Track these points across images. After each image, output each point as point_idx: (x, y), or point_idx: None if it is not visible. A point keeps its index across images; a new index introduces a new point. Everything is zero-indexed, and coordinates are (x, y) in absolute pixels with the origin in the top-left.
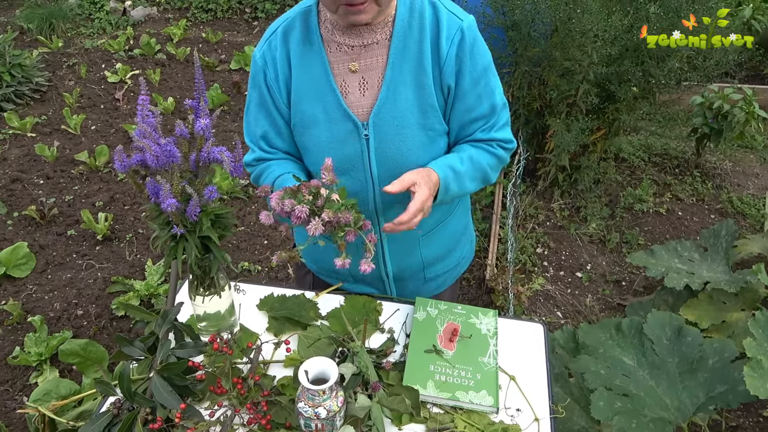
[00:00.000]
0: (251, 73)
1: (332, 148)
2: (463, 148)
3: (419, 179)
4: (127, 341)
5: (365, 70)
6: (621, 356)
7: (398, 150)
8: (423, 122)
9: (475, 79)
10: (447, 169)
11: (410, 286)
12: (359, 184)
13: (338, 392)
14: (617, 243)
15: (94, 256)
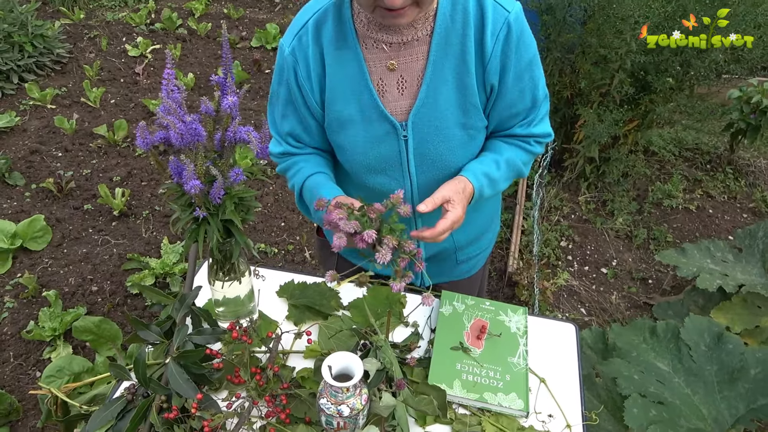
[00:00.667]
0: (278, 66)
1: (369, 148)
2: (499, 149)
3: (454, 196)
4: (142, 325)
5: (404, 69)
6: (655, 361)
7: (437, 150)
8: (464, 121)
9: (519, 74)
10: (483, 179)
11: (442, 268)
12: (396, 183)
13: (362, 390)
14: (644, 239)
15: (110, 231)
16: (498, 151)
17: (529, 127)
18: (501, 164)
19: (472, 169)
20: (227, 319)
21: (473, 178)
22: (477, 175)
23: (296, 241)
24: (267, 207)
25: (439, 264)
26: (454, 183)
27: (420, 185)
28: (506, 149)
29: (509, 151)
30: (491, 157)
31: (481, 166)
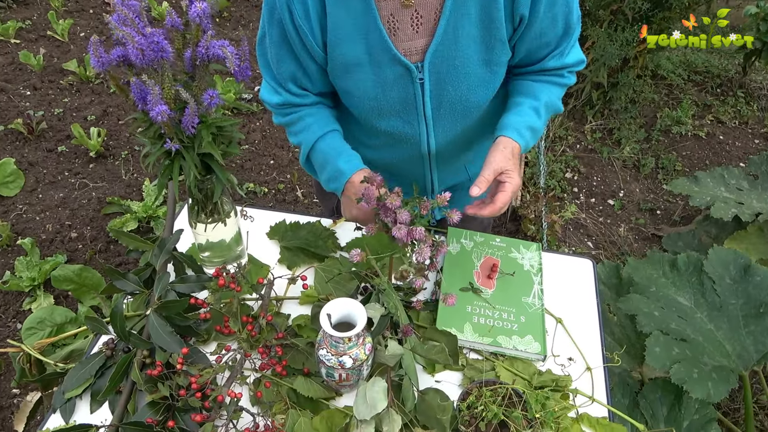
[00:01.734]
0: (268, 3)
1: (379, 93)
2: (535, 92)
3: (509, 165)
4: (119, 274)
5: (420, 3)
6: (676, 296)
7: (456, 90)
8: (487, 58)
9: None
10: (526, 133)
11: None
12: (411, 127)
13: (365, 338)
14: (652, 168)
15: (87, 174)
16: (535, 96)
17: (562, 58)
18: (541, 111)
19: (512, 125)
20: (213, 264)
21: (517, 136)
22: (520, 131)
23: (287, 180)
24: (254, 144)
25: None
26: (500, 150)
27: (436, 127)
28: (542, 91)
29: (545, 93)
30: (529, 104)
31: (522, 119)
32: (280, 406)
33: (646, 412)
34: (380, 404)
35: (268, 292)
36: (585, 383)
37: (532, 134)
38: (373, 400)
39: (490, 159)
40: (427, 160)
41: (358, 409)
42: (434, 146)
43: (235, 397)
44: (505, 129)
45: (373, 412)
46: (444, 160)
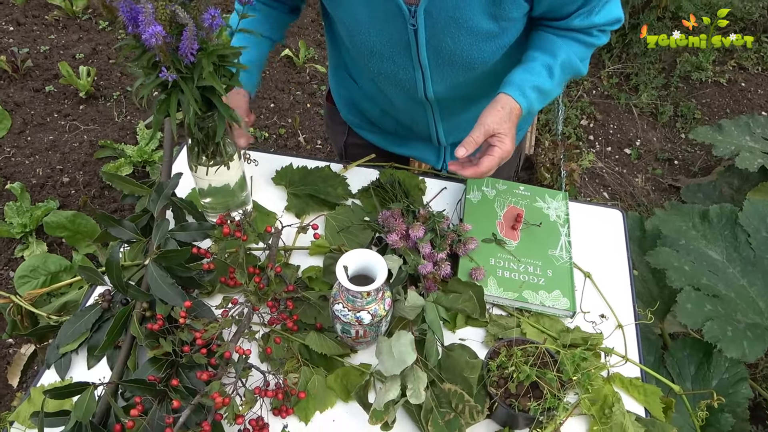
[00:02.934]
0: None
1: (371, 28)
2: (553, 48)
3: (502, 128)
4: (113, 221)
5: None
6: (707, 250)
7: (456, 45)
8: (493, 12)
9: None
10: (531, 93)
11: None
12: (405, 72)
13: (385, 293)
14: (671, 117)
15: (77, 116)
16: (552, 52)
17: (590, 16)
18: (555, 70)
19: (517, 83)
20: (216, 212)
21: (520, 95)
22: (524, 91)
23: (288, 124)
24: None
25: None
26: (496, 110)
27: (434, 77)
28: (562, 48)
29: (565, 50)
30: (542, 61)
31: (529, 77)
32: (292, 363)
33: (672, 371)
34: (409, 358)
35: (276, 241)
36: (614, 341)
37: (539, 96)
38: (400, 354)
39: (483, 118)
40: (428, 108)
41: (385, 365)
42: (432, 95)
43: (244, 353)
44: (508, 86)
45: (402, 366)
46: (448, 112)
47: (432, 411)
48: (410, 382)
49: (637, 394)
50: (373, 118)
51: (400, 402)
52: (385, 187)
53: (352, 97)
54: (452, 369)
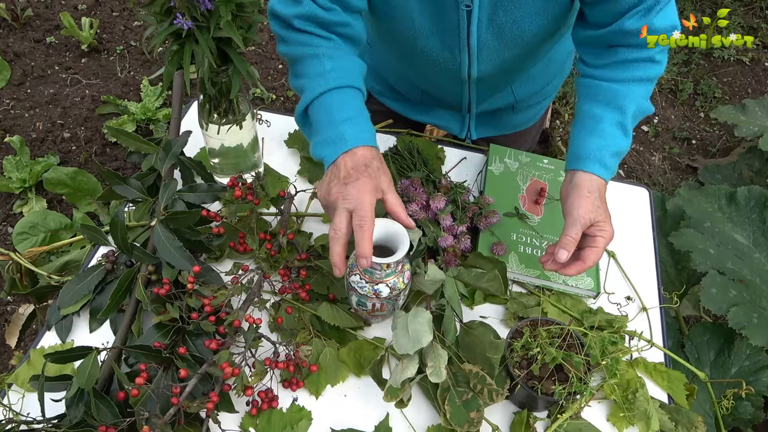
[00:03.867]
0: None
1: (422, 7)
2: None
3: (599, 215)
4: (118, 178)
5: None
6: (733, 233)
7: (508, 16)
8: None
9: None
10: (612, 160)
11: (494, 121)
12: (450, 53)
13: (404, 265)
14: (690, 94)
15: (79, 69)
16: (619, 107)
17: (648, 15)
18: (627, 125)
19: (594, 155)
20: (225, 173)
21: (601, 169)
22: (604, 162)
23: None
24: (262, 46)
25: (491, 117)
26: (584, 196)
27: (481, 56)
28: (628, 97)
29: (632, 99)
30: (612, 120)
31: (605, 143)
32: (304, 334)
33: (690, 355)
34: (425, 338)
35: (289, 206)
36: (637, 325)
37: (618, 159)
38: (416, 332)
39: (573, 211)
40: (466, 85)
41: (399, 342)
42: (476, 74)
43: (254, 323)
44: (585, 161)
45: (417, 347)
46: (485, 86)
47: (449, 389)
48: (430, 360)
49: (661, 380)
50: (398, 87)
51: (416, 379)
52: (403, 154)
53: (375, 65)
54: (472, 347)
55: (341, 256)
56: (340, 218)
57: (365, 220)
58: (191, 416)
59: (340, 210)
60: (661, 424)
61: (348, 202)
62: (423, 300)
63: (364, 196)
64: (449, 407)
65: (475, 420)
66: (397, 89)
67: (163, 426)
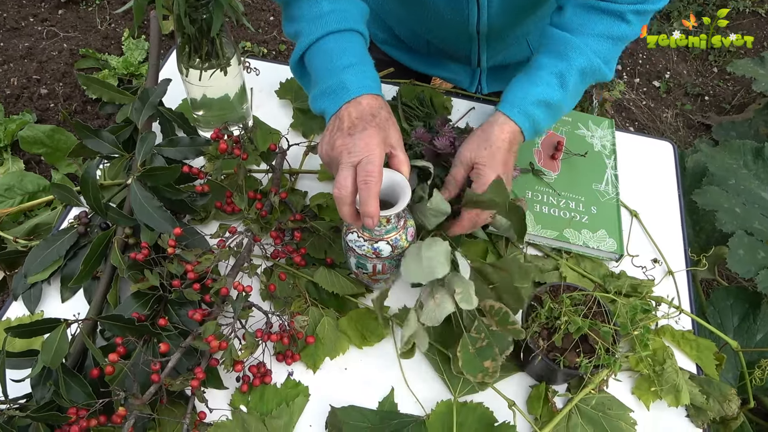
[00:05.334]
0: None
1: None
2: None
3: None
4: (90, 131)
5: None
6: (759, 191)
7: None
8: None
9: None
10: (536, 109)
11: (507, 74)
12: (458, 3)
13: (407, 221)
14: (703, 49)
15: (56, 21)
16: (566, 58)
17: None
18: (569, 78)
19: (517, 100)
20: (210, 127)
21: (520, 116)
22: (526, 110)
23: (289, 40)
24: None
25: (504, 70)
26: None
27: (491, 4)
28: (579, 49)
29: (584, 54)
30: (554, 68)
31: (534, 91)
32: (299, 303)
33: (713, 321)
34: (440, 269)
35: (281, 162)
36: (662, 289)
37: (547, 112)
38: (430, 262)
39: (460, 149)
40: (475, 40)
41: (409, 268)
42: (486, 28)
43: (243, 290)
44: (504, 103)
45: (430, 278)
46: (497, 39)
47: (462, 335)
48: (458, 286)
49: (689, 349)
50: (402, 36)
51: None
52: (410, 104)
53: (377, 11)
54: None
55: (352, 215)
56: (345, 174)
57: (372, 176)
58: (175, 394)
59: (344, 165)
60: (691, 397)
61: (353, 155)
62: None
63: (371, 148)
64: (461, 354)
65: (490, 370)
66: (401, 38)
67: (142, 406)
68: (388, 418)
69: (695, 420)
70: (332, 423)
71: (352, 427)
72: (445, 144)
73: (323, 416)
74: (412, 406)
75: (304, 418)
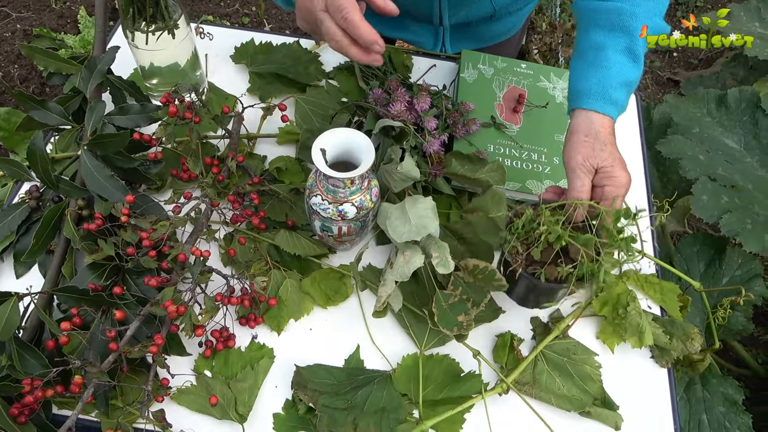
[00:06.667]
0: None
1: None
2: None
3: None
4: (35, 102)
5: None
6: (723, 138)
7: None
8: None
9: None
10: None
11: (471, 32)
12: None
13: (371, 181)
14: (671, 4)
15: (8, 2)
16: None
17: None
18: (639, 51)
19: (596, 90)
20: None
21: (607, 105)
22: (609, 96)
23: (252, 12)
24: None
25: (467, 28)
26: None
27: None
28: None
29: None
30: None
31: (609, 74)
32: (260, 266)
33: (679, 267)
34: (431, 224)
35: (238, 126)
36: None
37: (627, 91)
38: (420, 219)
39: (571, 161)
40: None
41: (398, 230)
42: None
43: (201, 255)
44: (585, 98)
45: (423, 233)
46: None
47: (435, 291)
48: (434, 251)
49: (653, 293)
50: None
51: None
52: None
53: None
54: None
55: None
56: (327, 25)
57: (344, 9)
58: (136, 362)
59: (320, 19)
60: (654, 338)
61: (319, 3)
62: None
63: None
64: (436, 310)
65: (464, 323)
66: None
67: (100, 374)
68: (354, 374)
69: (659, 360)
70: (298, 382)
71: (317, 384)
72: (400, 109)
73: (289, 376)
74: (378, 362)
75: (269, 380)
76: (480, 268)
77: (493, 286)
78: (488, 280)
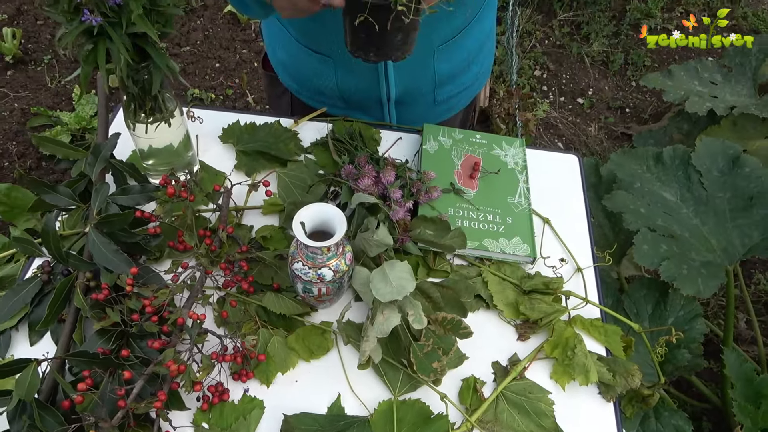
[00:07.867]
0: None
1: None
2: None
3: None
4: (47, 186)
5: None
6: (661, 191)
7: None
8: None
9: None
10: None
11: (415, 110)
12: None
13: (345, 247)
14: (621, 65)
15: (5, 82)
16: None
17: None
18: None
19: None
20: (159, 174)
21: None
22: None
23: (236, 85)
24: (196, 45)
25: (410, 107)
26: None
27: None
28: None
29: None
30: None
31: None
32: (250, 325)
33: (630, 311)
34: (409, 285)
35: (227, 200)
36: (574, 285)
37: None
38: (399, 280)
39: None
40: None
41: (380, 291)
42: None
43: (198, 318)
44: None
45: (403, 293)
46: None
47: (411, 344)
48: (409, 309)
49: (598, 335)
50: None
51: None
52: (341, 139)
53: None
54: None
55: None
56: None
57: None
58: (141, 417)
59: None
60: (599, 375)
61: None
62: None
63: None
64: (414, 360)
65: (438, 369)
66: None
67: (111, 429)
68: (336, 421)
69: (605, 395)
70: (286, 430)
71: (303, 431)
72: (368, 184)
73: (278, 424)
74: (357, 408)
75: (261, 428)
76: (448, 319)
77: (459, 334)
78: (456, 329)
